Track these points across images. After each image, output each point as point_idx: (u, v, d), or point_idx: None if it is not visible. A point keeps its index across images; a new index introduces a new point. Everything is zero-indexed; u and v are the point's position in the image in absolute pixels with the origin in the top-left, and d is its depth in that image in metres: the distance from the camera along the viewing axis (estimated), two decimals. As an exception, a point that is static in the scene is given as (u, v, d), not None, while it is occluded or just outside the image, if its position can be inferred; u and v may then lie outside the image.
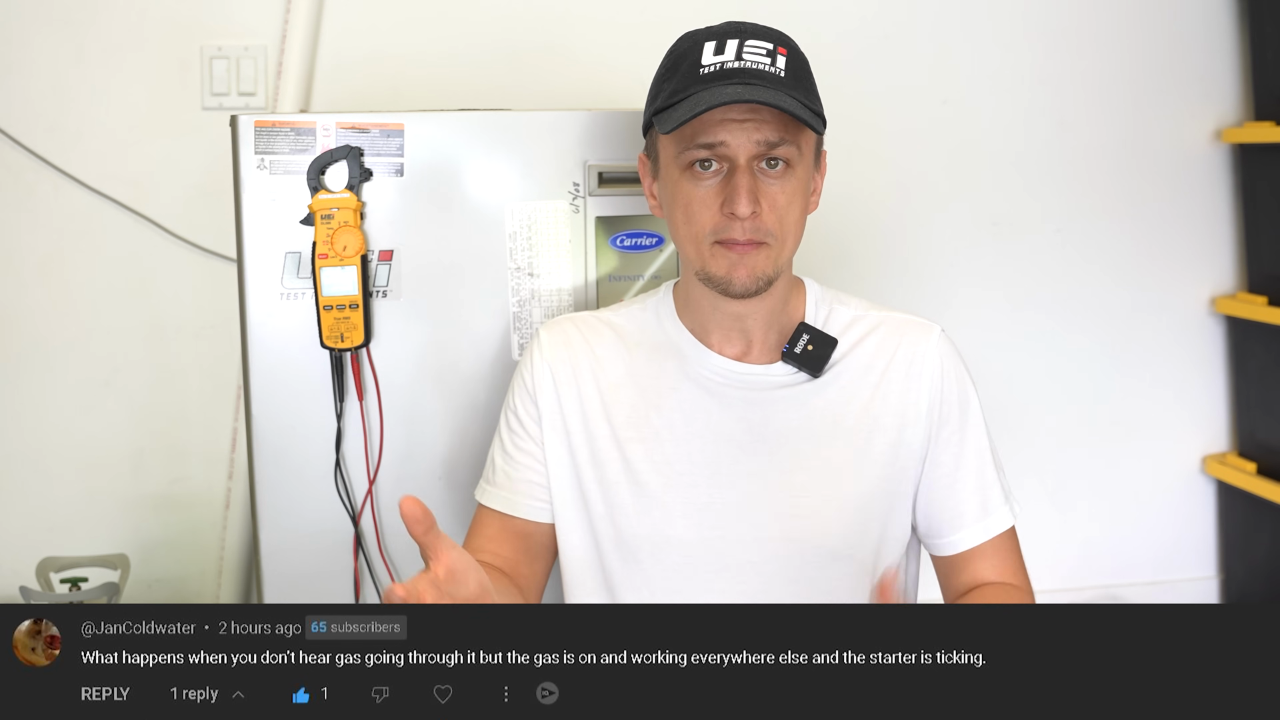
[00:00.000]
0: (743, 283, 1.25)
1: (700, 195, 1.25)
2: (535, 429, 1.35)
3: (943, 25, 2.32)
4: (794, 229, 1.27)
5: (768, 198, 1.24)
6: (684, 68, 1.26)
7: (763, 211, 1.23)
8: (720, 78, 1.23)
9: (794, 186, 1.25)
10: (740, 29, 1.27)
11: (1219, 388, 2.50)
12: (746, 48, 1.24)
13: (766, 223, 1.24)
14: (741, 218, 1.22)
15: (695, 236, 1.26)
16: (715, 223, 1.24)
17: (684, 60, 1.26)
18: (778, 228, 1.24)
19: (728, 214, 1.23)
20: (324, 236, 1.50)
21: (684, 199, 1.26)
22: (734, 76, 1.22)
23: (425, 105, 1.77)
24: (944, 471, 1.33)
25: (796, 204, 1.26)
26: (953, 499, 1.33)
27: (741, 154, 1.22)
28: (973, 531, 1.33)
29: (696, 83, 1.23)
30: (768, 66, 1.23)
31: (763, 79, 1.22)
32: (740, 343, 1.33)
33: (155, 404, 2.16)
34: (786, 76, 1.24)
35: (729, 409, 1.32)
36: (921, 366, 1.33)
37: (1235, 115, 2.43)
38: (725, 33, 1.26)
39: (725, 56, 1.24)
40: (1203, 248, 2.46)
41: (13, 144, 2.08)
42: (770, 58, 1.24)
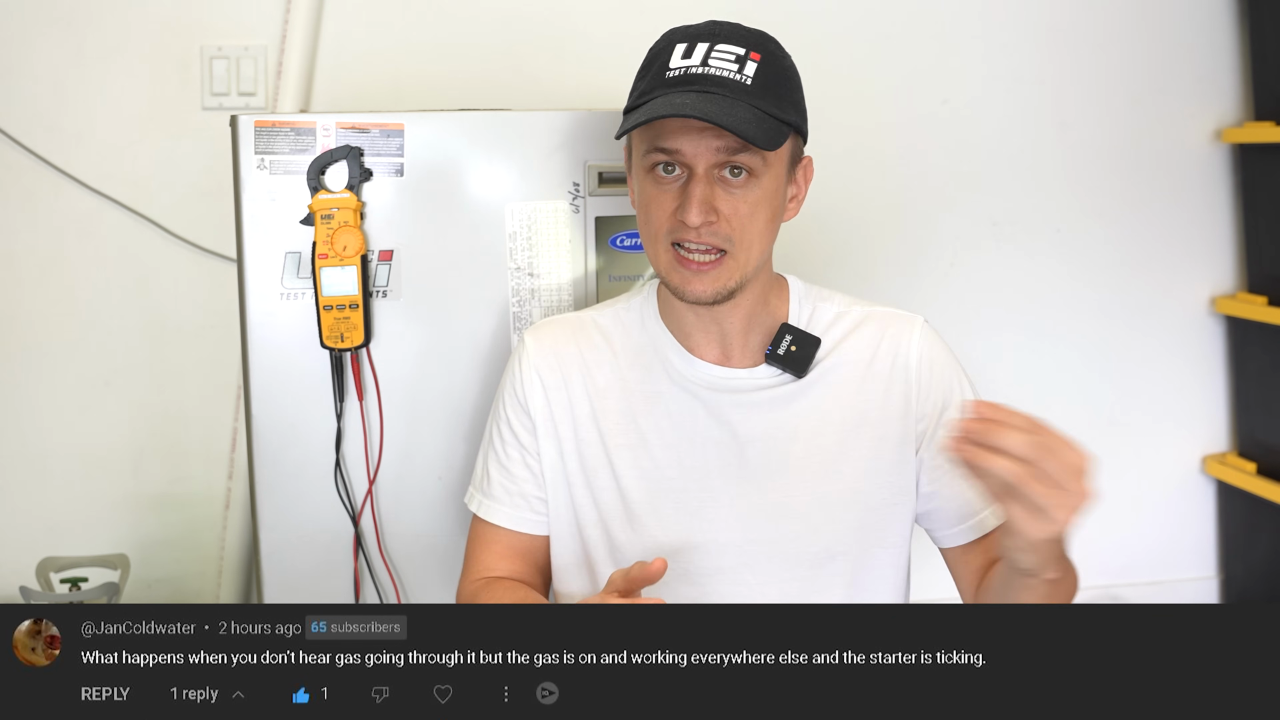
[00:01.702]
0: (696, 294, 1.24)
1: (659, 198, 1.25)
2: (530, 440, 1.35)
3: (943, 25, 2.32)
4: (758, 238, 1.25)
5: (728, 206, 1.22)
6: (654, 69, 1.25)
7: (720, 220, 1.22)
8: (680, 83, 1.22)
9: (757, 195, 1.24)
10: (715, 31, 1.25)
11: (1219, 388, 2.50)
12: (715, 53, 1.22)
13: (723, 231, 1.23)
14: (692, 225, 1.21)
15: (653, 237, 1.26)
16: (670, 224, 1.24)
17: (656, 60, 1.26)
18: (737, 235, 1.23)
19: (680, 220, 1.23)
20: (324, 236, 1.50)
21: (645, 199, 1.27)
22: (694, 83, 1.21)
23: (425, 105, 1.77)
24: (943, 460, 1.31)
25: (761, 212, 1.24)
26: (959, 486, 1.31)
27: (699, 162, 1.21)
28: (992, 511, 1.30)
29: (660, 86, 1.23)
30: (733, 74, 1.21)
31: (725, 87, 1.21)
32: (721, 346, 1.32)
33: (155, 404, 2.16)
34: (754, 85, 1.22)
35: (715, 413, 1.31)
36: (905, 359, 1.32)
37: (1235, 115, 2.43)
38: (699, 35, 1.25)
39: (691, 61, 1.22)
40: (1203, 248, 2.46)
41: (13, 144, 2.08)
42: (739, 64, 1.22)
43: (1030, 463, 0.98)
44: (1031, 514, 0.99)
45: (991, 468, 0.98)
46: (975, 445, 0.99)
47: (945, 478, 1.32)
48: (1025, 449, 0.98)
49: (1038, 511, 0.99)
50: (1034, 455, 0.98)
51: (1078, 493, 0.99)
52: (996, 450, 0.98)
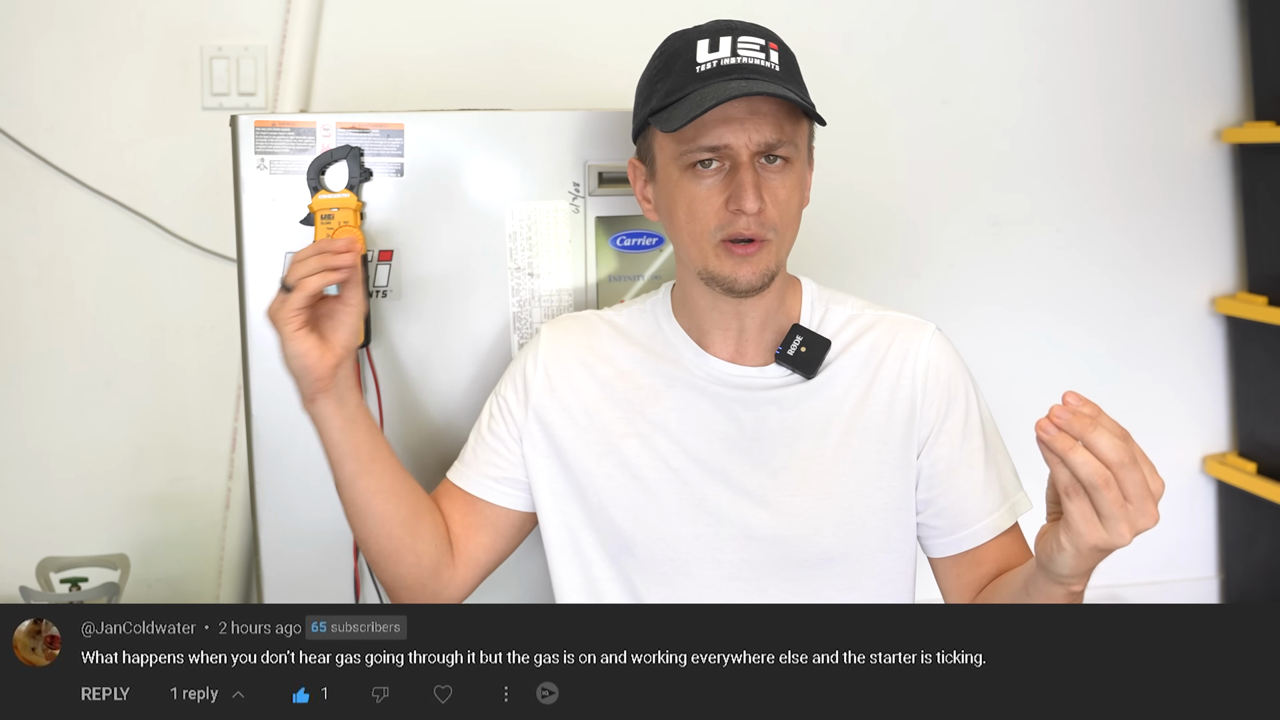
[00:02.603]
0: (748, 280, 1.25)
1: (702, 193, 1.25)
2: (514, 422, 1.37)
3: (943, 25, 2.32)
4: (793, 223, 1.28)
5: (770, 192, 1.24)
6: (678, 66, 1.25)
7: (766, 206, 1.23)
8: (720, 74, 1.23)
9: (793, 181, 1.26)
10: (731, 26, 1.27)
11: (1219, 388, 2.50)
12: (741, 43, 1.24)
13: (770, 217, 1.24)
14: (749, 213, 1.22)
15: (698, 235, 1.26)
16: (720, 219, 1.24)
17: (677, 59, 1.26)
18: (780, 222, 1.25)
19: (734, 210, 1.23)
20: (324, 236, 1.50)
21: (686, 198, 1.26)
22: (733, 72, 1.23)
23: (425, 105, 1.77)
24: (944, 468, 1.31)
25: (795, 198, 1.27)
26: (958, 495, 1.31)
27: (744, 151, 1.23)
28: (985, 525, 1.31)
29: (694, 80, 1.23)
30: (763, 61, 1.24)
31: (761, 74, 1.23)
32: (736, 342, 1.33)
33: (155, 404, 2.16)
34: (781, 71, 1.25)
35: (723, 409, 1.32)
36: (914, 365, 1.32)
37: (1235, 115, 2.43)
38: (717, 30, 1.26)
39: (721, 53, 1.24)
40: (1203, 248, 2.46)
41: (13, 144, 2.08)
42: (764, 53, 1.25)
43: (1113, 468, 0.98)
44: (1096, 519, 1.00)
45: (1077, 461, 0.98)
46: (1065, 434, 0.98)
47: (941, 487, 1.32)
48: (1113, 453, 0.97)
49: (1104, 519, 0.99)
50: (1120, 462, 0.97)
51: (1148, 514, 0.99)
52: (1085, 446, 0.98)
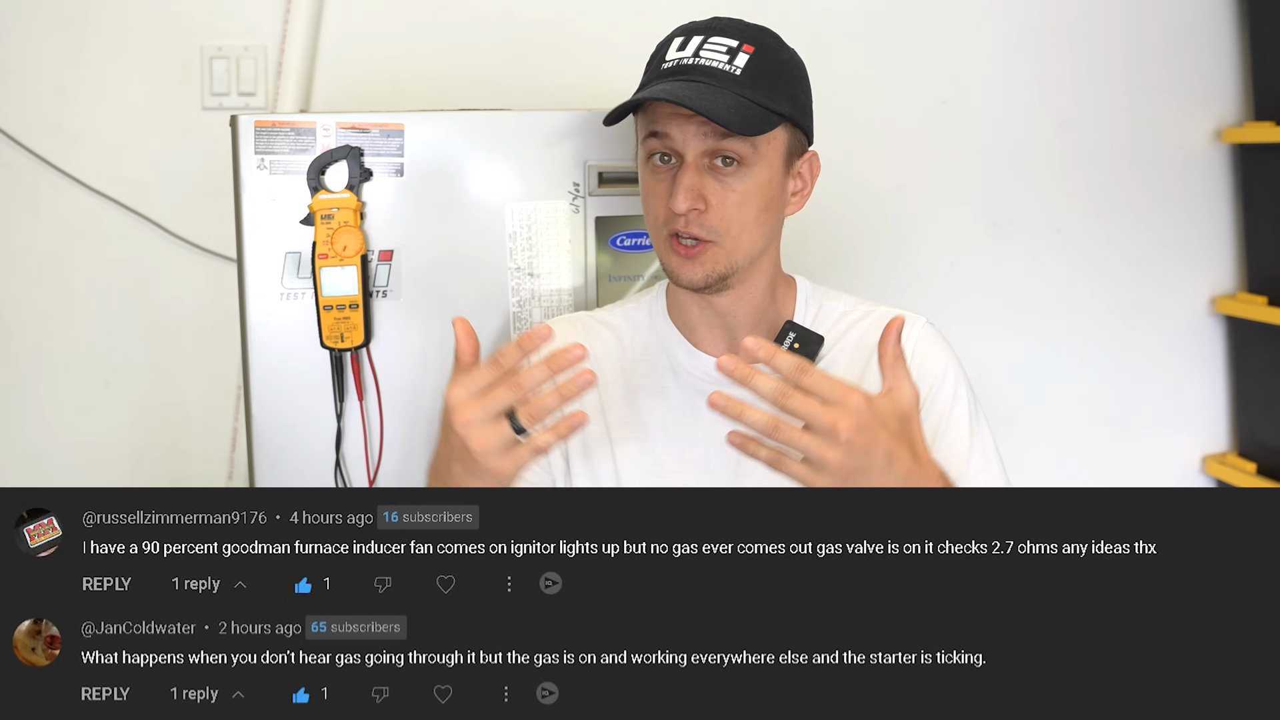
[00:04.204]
0: (689, 279, 1.26)
1: (656, 187, 1.27)
2: None
3: (943, 25, 2.32)
4: (748, 228, 1.26)
5: (716, 195, 1.24)
6: (653, 61, 1.29)
7: (708, 211, 1.24)
8: (671, 74, 1.25)
9: (748, 185, 1.25)
10: (714, 26, 1.28)
11: (1219, 388, 2.50)
12: (707, 45, 1.25)
13: (711, 220, 1.24)
14: (678, 212, 1.23)
15: (653, 225, 1.29)
16: (665, 214, 1.26)
17: (657, 54, 1.30)
18: (724, 225, 1.24)
19: (670, 207, 1.25)
20: (324, 236, 1.50)
21: (644, 189, 1.30)
22: (683, 74, 1.24)
23: (425, 105, 1.77)
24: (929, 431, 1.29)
25: (751, 202, 1.25)
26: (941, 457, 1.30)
27: (689, 150, 1.24)
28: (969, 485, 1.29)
29: (656, 77, 1.26)
30: (723, 65, 1.24)
31: (712, 76, 1.23)
32: (726, 340, 1.33)
33: (155, 404, 2.16)
34: (743, 75, 1.24)
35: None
36: (905, 352, 1.32)
37: (1235, 115, 2.43)
38: (696, 29, 1.28)
39: (684, 53, 1.26)
40: (1203, 248, 2.46)
41: (13, 144, 2.08)
42: (729, 55, 1.24)
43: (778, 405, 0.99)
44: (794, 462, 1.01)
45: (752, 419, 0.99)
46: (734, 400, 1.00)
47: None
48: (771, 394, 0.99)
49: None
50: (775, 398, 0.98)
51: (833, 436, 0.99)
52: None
